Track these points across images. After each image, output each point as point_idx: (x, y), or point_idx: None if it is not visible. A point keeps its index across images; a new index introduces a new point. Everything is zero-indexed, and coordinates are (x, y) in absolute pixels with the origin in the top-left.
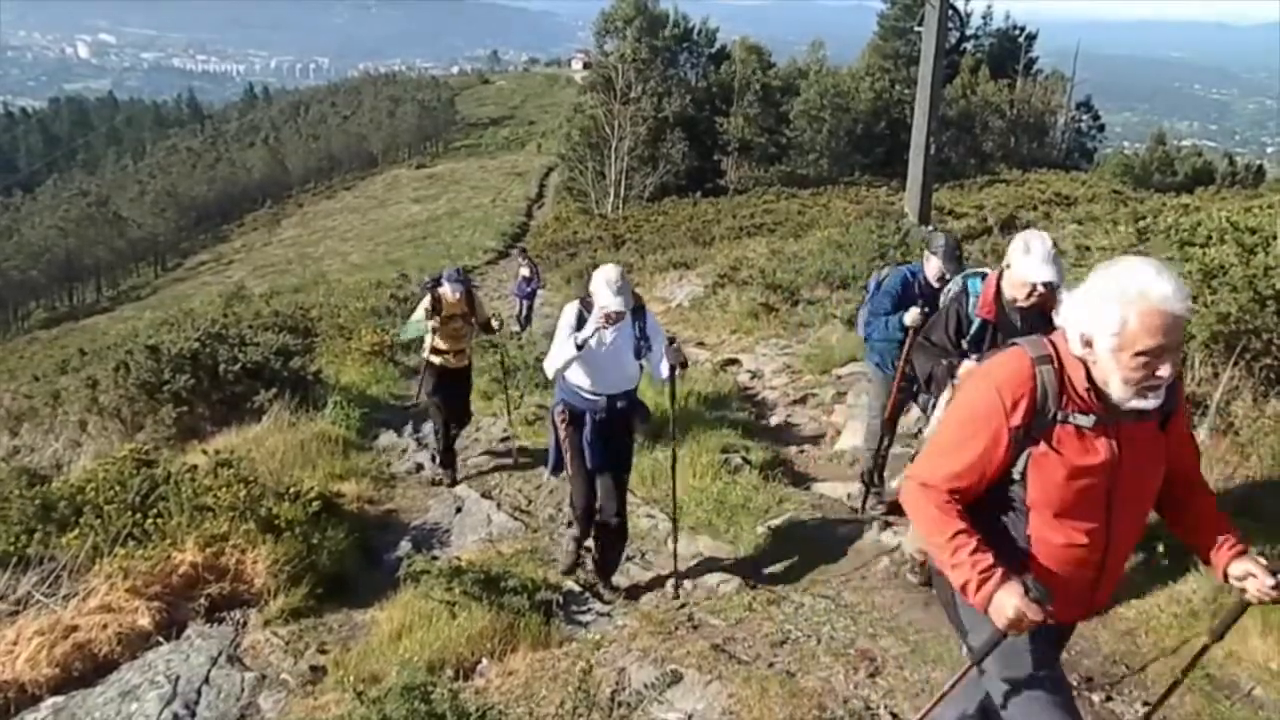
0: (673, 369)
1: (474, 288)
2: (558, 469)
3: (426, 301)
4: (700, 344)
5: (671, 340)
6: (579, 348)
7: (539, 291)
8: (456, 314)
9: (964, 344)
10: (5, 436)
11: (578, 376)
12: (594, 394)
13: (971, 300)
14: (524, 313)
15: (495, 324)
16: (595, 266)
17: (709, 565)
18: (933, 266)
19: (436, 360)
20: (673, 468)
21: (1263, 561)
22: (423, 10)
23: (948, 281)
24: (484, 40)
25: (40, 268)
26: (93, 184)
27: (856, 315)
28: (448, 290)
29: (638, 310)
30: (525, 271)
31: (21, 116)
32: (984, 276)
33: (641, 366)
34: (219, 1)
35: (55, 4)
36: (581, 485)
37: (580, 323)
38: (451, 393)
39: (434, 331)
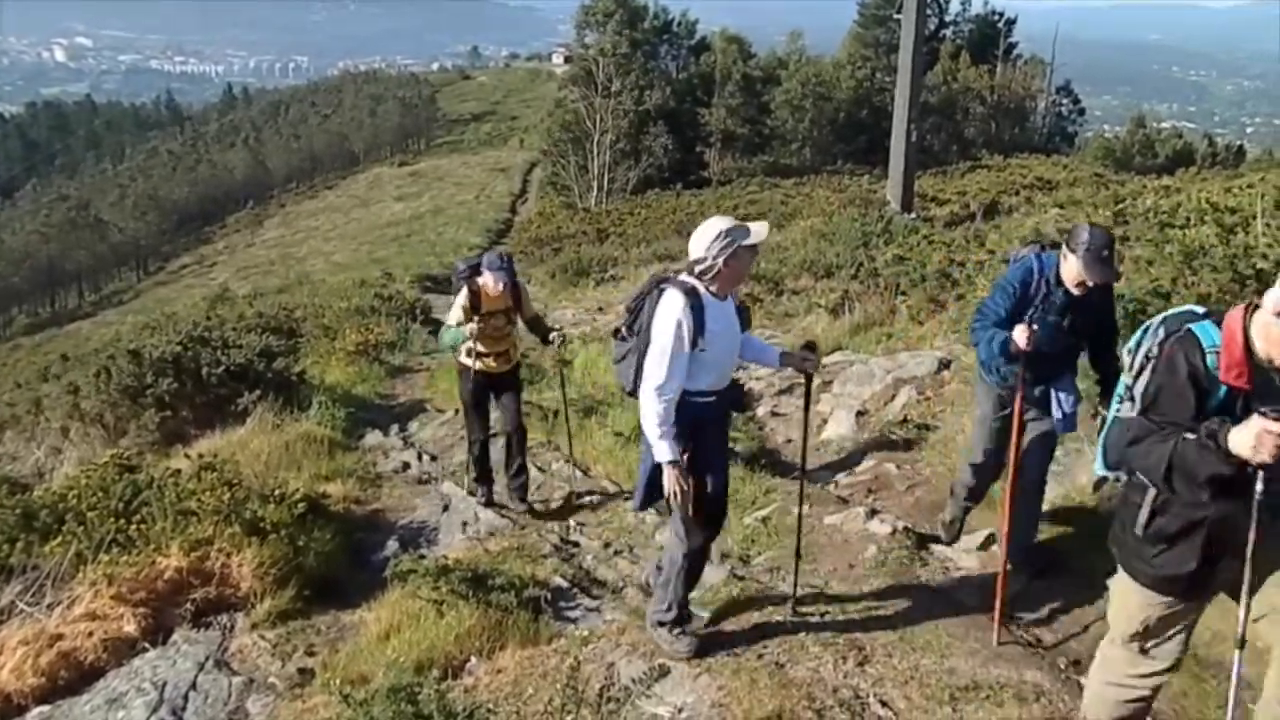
0: (786, 355)
1: (518, 277)
2: (650, 502)
3: (464, 297)
4: None
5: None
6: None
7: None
8: (498, 309)
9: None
10: None
11: (696, 379)
12: (711, 392)
13: (1208, 355)
14: None
15: (554, 337)
16: (579, 260)
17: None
18: (1070, 269)
19: (475, 364)
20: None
21: None
22: (402, 7)
23: (1089, 289)
24: (464, 36)
25: (22, 274)
26: (73, 188)
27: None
28: (489, 280)
29: None
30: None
31: None
32: (1209, 316)
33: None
34: (196, 2)
35: (30, 7)
36: (702, 527)
37: (698, 324)
38: (498, 403)
39: (471, 334)
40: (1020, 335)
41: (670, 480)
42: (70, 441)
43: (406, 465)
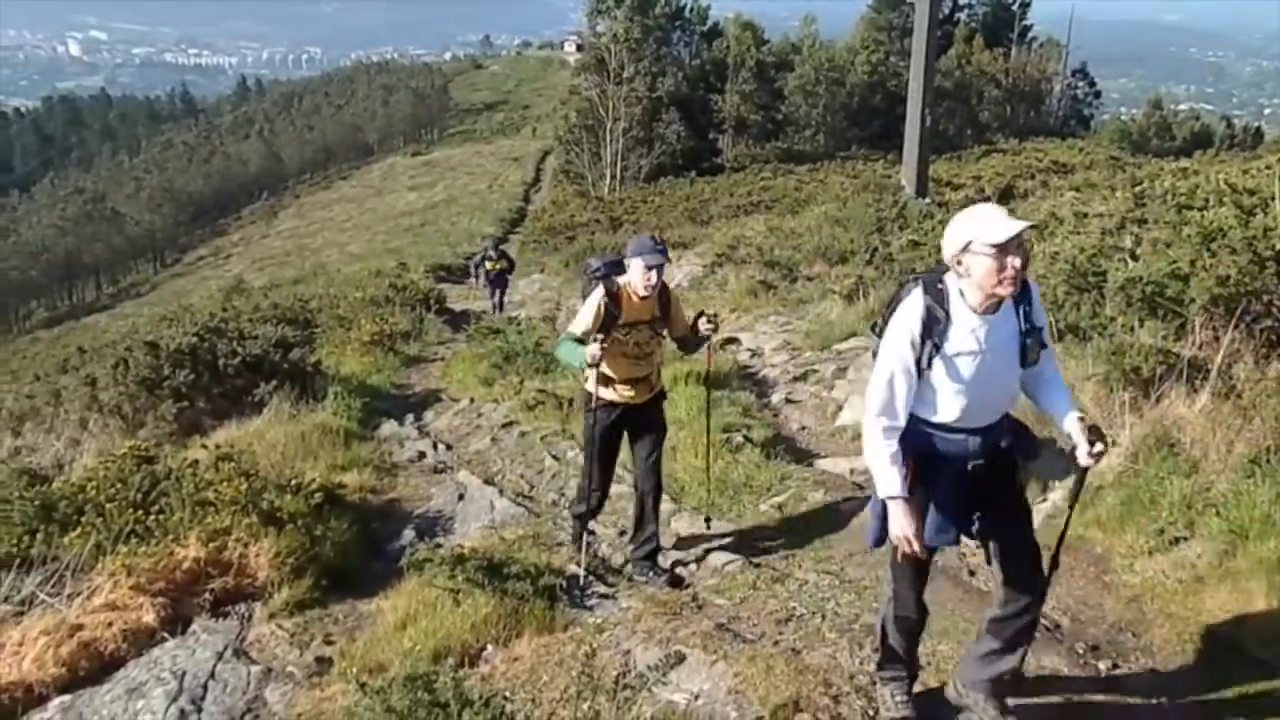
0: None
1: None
2: (882, 539)
3: (598, 300)
4: None
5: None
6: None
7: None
8: (643, 320)
9: None
10: (8, 437)
11: (933, 405)
12: (961, 430)
13: None
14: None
15: (706, 327)
16: (592, 249)
17: (712, 544)
18: None
19: (607, 393)
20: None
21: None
22: None
23: None
24: (476, 25)
25: (39, 267)
26: (89, 182)
27: None
28: (637, 280)
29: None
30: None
31: (15, 116)
32: None
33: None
34: None
35: (45, 2)
36: (913, 580)
37: (928, 334)
38: (632, 445)
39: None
40: None
41: (899, 520)
42: (89, 433)
43: (422, 455)
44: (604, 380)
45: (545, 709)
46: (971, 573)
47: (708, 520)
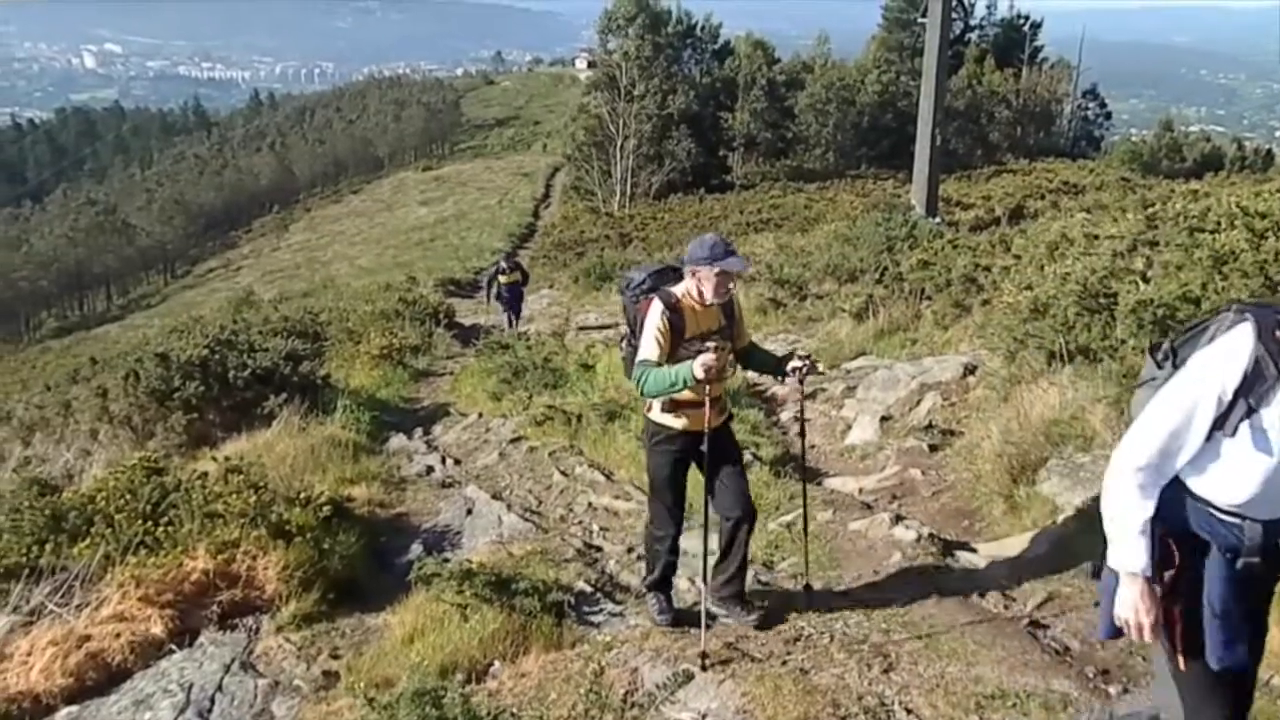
0: None
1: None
2: (1116, 630)
3: (660, 316)
4: None
5: None
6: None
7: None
8: (710, 331)
9: None
10: (18, 447)
11: (1215, 479)
12: (1239, 516)
13: None
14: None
15: (797, 364)
16: (602, 264)
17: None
18: None
19: (675, 421)
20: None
21: None
22: (425, 13)
23: None
24: (487, 42)
25: (50, 277)
26: (101, 193)
27: None
28: (708, 288)
29: None
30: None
31: (29, 127)
32: None
33: None
34: (223, 8)
35: (60, 15)
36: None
37: (1246, 391)
38: (711, 475)
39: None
40: None
41: (1133, 602)
42: (99, 443)
43: (430, 469)
44: (671, 407)
45: None
46: (981, 594)
47: (807, 587)
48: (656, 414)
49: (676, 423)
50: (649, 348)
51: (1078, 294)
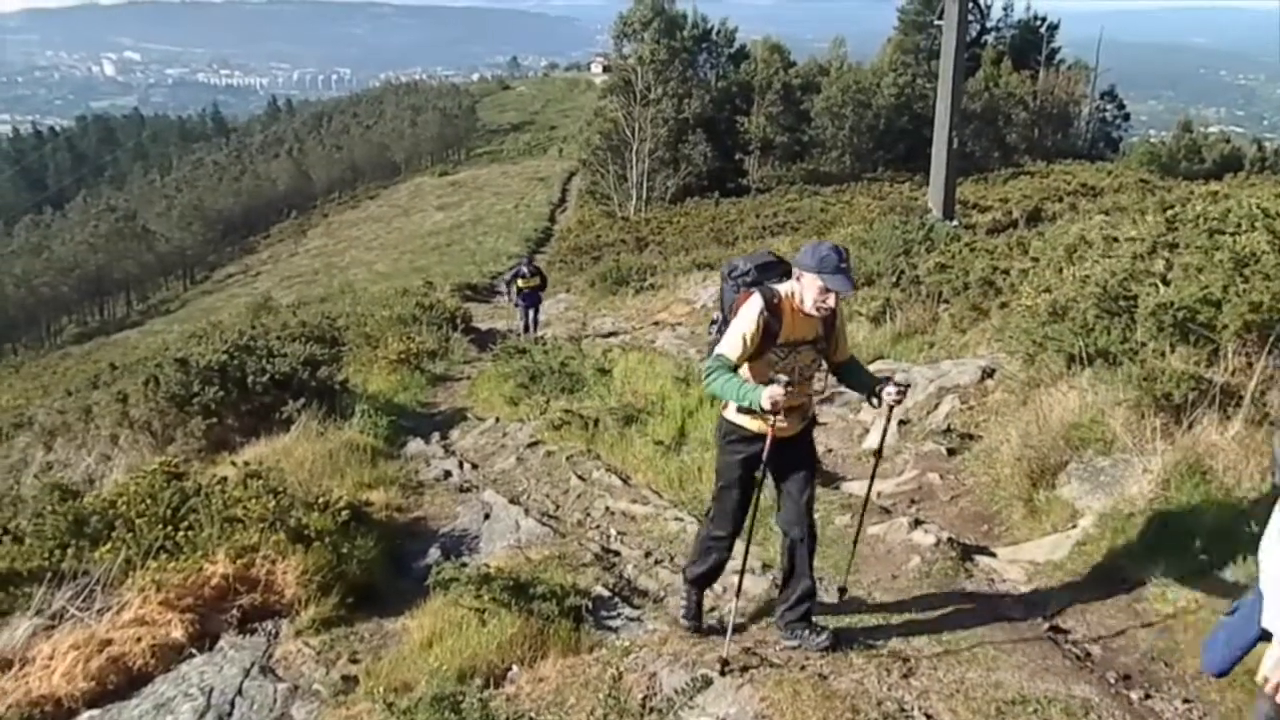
0: None
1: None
2: (1223, 673)
3: (757, 313)
4: None
5: None
6: None
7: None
8: (805, 340)
9: None
10: (40, 452)
11: None
12: None
13: None
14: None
15: (893, 391)
16: (618, 269)
17: (738, 568)
18: None
19: (751, 424)
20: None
21: None
22: (441, 19)
23: None
24: (503, 47)
25: (71, 283)
26: (121, 199)
27: None
28: (809, 298)
29: None
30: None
31: (50, 135)
32: None
33: None
34: (241, 16)
35: (81, 24)
36: None
37: None
38: (779, 483)
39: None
40: None
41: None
42: (119, 448)
43: (448, 473)
44: (746, 408)
45: None
46: (1001, 599)
47: (842, 590)
48: (731, 413)
49: (749, 425)
50: (732, 344)
51: (1097, 296)
